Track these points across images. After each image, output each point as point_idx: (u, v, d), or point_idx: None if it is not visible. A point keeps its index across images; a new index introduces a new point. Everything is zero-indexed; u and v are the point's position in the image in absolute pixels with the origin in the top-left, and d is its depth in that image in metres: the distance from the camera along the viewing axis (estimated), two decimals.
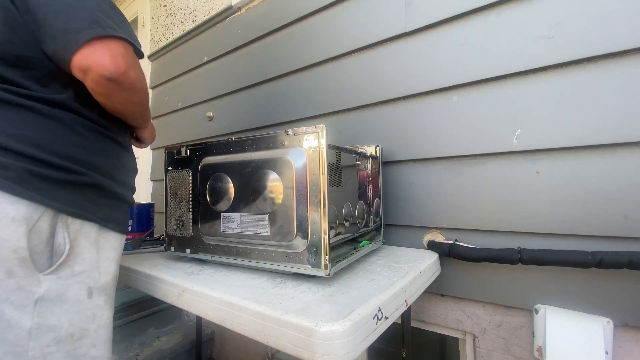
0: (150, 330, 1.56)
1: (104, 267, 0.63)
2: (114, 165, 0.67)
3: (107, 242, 0.64)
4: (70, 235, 0.58)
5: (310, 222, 0.65)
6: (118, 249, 0.67)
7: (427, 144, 0.96)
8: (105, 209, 0.64)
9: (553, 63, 0.78)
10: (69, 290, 0.57)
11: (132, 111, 0.68)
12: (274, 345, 0.53)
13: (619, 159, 0.72)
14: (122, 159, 0.71)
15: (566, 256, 0.73)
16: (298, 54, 1.27)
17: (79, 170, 0.59)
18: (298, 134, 0.67)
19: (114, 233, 0.65)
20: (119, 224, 0.67)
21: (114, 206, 0.66)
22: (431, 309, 0.99)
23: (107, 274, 0.63)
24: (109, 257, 0.64)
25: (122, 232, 0.68)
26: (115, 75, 0.56)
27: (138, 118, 0.73)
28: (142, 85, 0.64)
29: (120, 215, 0.68)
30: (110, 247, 0.64)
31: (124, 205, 0.70)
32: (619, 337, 0.73)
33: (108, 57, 0.55)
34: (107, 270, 0.64)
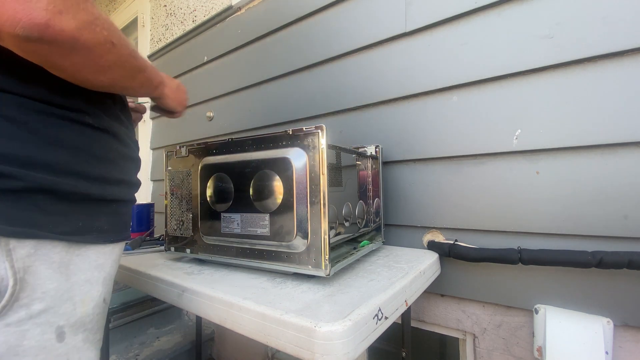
0: (150, 330, 1.56)
1: (82, 295, 0.48)
2: (82, 157, 0.48)
3: (84, 261, 0.48)
4: (16, 264, 0.41)
5: (310, 222, 0.65)
6: (107, 265, 0.52)
7: (427, 144, 0.96)
8: (73, 219, 0.47)
9: (553, 63, 0.78)
10: (27, 339, 0.42)
11: (110, 80, 0.48)
12: (274, 345, 0.53)
13: (619, 159, 0.72)
14: (100, 146, 0.51)
15: (566, 256, 0.73)
16: (298, 54, 1.27)
17: (11, 173, 0.41)
18: (298, 133, 0.67)
19: (95, 247, 0.50)
20: (102, 233, 0.51)
21: (91, 212, 0.49)
22: (431, 309, 0.99)
23: (87, 302, 0.49)
24: (90, 279, 0.49)
25: (110, 241, 0.53)
26: (31, 30, 0.35)
27: (130, 87, 0.54)
28: (103, 37, 0.42)
29: (104, 221, 0.51)
30: (92, 265, 0.49)
31: (111, 206, 0.53)
32: (619, 337, 0.73)
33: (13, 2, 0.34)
34: (88, 297, 0.49)
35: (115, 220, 0.54)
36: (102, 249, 0.51)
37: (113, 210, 0.54)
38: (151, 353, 1.41)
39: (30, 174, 0.42)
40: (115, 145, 0.54)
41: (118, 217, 0.55)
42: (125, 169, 0.57)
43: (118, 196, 0.54)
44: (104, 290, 0.53)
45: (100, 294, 0.52)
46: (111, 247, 0.53)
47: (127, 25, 2.49)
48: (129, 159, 0.58)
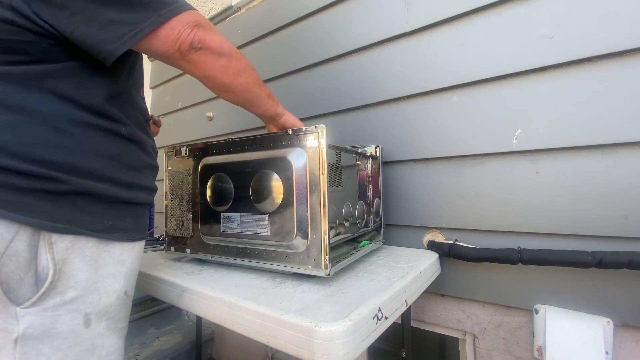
0: (150, 330, 1.56)
1: (106, 286, 0.53)
2: (115, 165, 0.56)
3: (110, 256, 0.54)
4: (56, 256, 0.47)
5: (310, 222, 0.65)
6: (128, 261, 0.58)
7: (427, 144, 0.96)
8: (105, 218, 0.53)
9: (553, 63, 0.78)
10: (60, 323, 0.47)
11: (245, 83, 0.66)
12: (274, 345, 0.53)
13: (619, 159, 0.72)
14: (129, 156, 0.59)
15: (566, 256, 0.73)
16: (298, 54, 1.27)
17: (58, 177, 0.48)
18: (298, 133, 0.67)
19: (120, 244, 0.56)
20: (127, 232, 0.57)
21: (118, 213, 0.56)
22: (431, 309, 0.99)
23: (110, 294, 0.54)
24: (114, 272, 0.55)
25: (133, 239, 0.59)
26: (198, 44, 0.56)
27: (259, 95, 0.72)
28: (234, 49, 0.63)
29: (129, 222, 0.58)
30: (116, 261, 0.55)
31: (135, 209, 0.60)
32: (619, 337, 0.73)
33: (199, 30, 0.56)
34: (111, 289, 0.54)
35: (138, 221, 0.61)
36: (126, 246, 0.57)
37: (137, 212, 0.60)
38: (151, 353, 1.40)
39: (73, 179, 0.50)
40: (141, 154, 0.63)
41: (140, 219, 0.62)
42: (148, 175, 0.65)
43: (141, 200, 0.61)
44: (126, 284, 0.58)
45: (122, 287, 0.57)
46: (133, 245, 0.59)
47: None
48: (149, 167, 0.65)
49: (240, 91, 0.68)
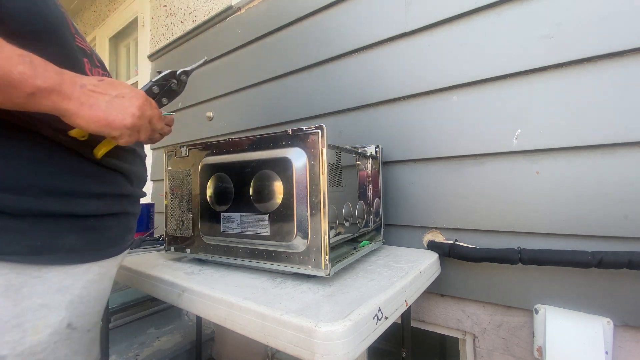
0: (150, 330, 1.56)
1: (34, 321, 0.42)
2: (41, 170, 0.44)
3: (42, 283, 0.43)
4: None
5: (310, 222, 0.65)
6: (76, 287, 0.47)
7: (427, 144, 0.96)
8: (30, 238, 0.42)
9: (553, 63, 0.78)
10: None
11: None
12: (274, 345, 0.53)
13: (619, 159, 0.72)
14: (62, 159, 0.46)
15: (566, 256, 0.73)
16: (298, 54, 1.27)
17: None
18: (298, 133, 0.67)
19: (59, 267, 0.45)
20: (71, 252, 0.46)
21: (53, 229, 0.45)
22: (431, 309, 0.99)
23: (41, 329, 0.43)
24: (48, 303, 0.44)
25: (84, 260, 0.47)
26: None
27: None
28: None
29: (74, 239, 0.46)
30: (52, 288, 0.44)
31: (86, 222, 0.48)
32: (619, 337, 0.73)
33: None
34: (41, 324, 0.43)
35: (95, 237, 0.49)
36: (71, 269, 0.46)
37: (91, 225, 0.49)
38: (151, 353, 1.41)
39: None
40: (62, 154, 0.48)
41: (100, 233, 0.50)
42: (106, 181, 0.52)
43: (93, 210, 0.49)
44: (70, 315, 0.46)
45: (62, 320, 0.45)
46: (86, 267, 0.48)
47: (127, 26, 2.49)
48: (108, 168, 0.53)
49: None
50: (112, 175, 0.54)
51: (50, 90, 0.39)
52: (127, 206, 0.57)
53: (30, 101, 0.38)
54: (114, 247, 0.53)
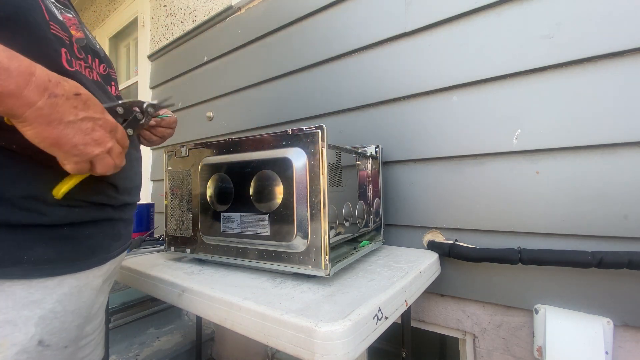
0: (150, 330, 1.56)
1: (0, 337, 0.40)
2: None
3: (7, 297, 0.40)
4: None
5: (310, 222, 0.65)
6: (47, 301, 0.43)
7: (427, 144, 0.96)
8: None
9: (553, 63, 0.78)
10: None
11: None
12: (274, 345, 0.53)
13: (619, 159, 0.72)
14: (2, 164, 0.41)
15: (566, 256, 0.73)
16: (298, 54, 1.27)
17: None
18: (298, 133, 0.67)
19: (26, 281, 0.41)
20: (40, 265, 0.42)
21: (17, 240, 0.41)
22: (431, 309, 0.99)
23: (6, 347, 0.40)
24: (14, 319, 0.41)
25: (54, 273, 0.44)
26: None
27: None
28: None
29: (44, 250, 0.43)
30: (19, 303, 0.41)
31: (59, 231, 0.45)
32: (619, 337, 0.73)
33: None
34: (7, 342, 0.40)
35: (69, 247, 0.46)
36: (41, 282, 0.43)
37: (64, 235, 0.45)
38: (151, 353, 1.41)
39: None
40: (11, 160, 0.43)
41: (75, 243, 0.47)
42: (79, 188, 0.47)
43: (67, 219, 0.46)
44: (41, 332, 0.43)
45: (32, 337, 0.42)
46: (58, 280, 0.44)
47: (127, 25, 2.49)
48: (23, 177, 0.46)
49: None
50: (86, 182, 0.48)
51: (9, 95, 0.34)
52: (110, 213, 0.53)
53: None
54: (95, 257, 0.50)
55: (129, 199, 0.59)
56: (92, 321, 0.54)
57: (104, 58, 0.59)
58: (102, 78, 0.56)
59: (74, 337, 0.48)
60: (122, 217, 0.57)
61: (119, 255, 0.58)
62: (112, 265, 0.56)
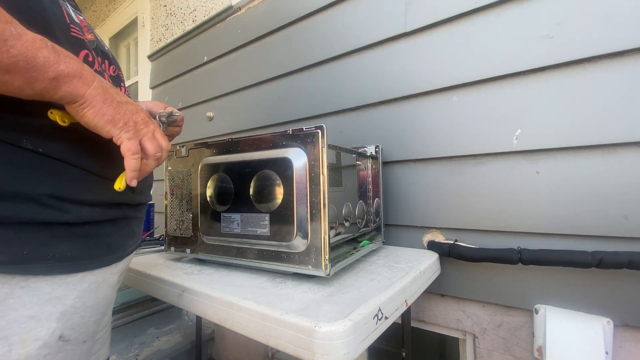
0: (150, 330, 1.56)
1: (21, 333, 0.41)
2: (8, 175, 0.41)
3: (31, 294, 0.41)
4: None
5: (310, 222, 0.65)
6: (69, 297, 0.45)
7: (427, 144, 0.96)
8: (14, 246, 0.41)
9: (553, 63, 0.78)
10: None
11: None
12: (274, 345, 0.53)
13: (619, 159, 0.72)
14: (30, 164, 0.42)
15: (566, 256, 0.73)
16: (298, 54, 1.27)
17: None
18: (298, 133, 0.67)
19: (49, 277, 0.43)
20: (63, 262, 0.44)
21: (40, 237, 0.42)
22: (431, 309, 0.99)
23: (30, 342, 0.41)
24: (37, 314, 0.42)
25: (77, 270, 0.45)
26: None
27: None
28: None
29: (67, 247, 0.44)
30: (42, 299, 0.42)
31: (79, 229, 0.46)
32: (619, 337, 0.73)
33: None
34: (30, 336, 0.41)
35: (90, 245, 0.47)
36: (63, 279, 0.44)
37: (85, 233, 0.47)
38: (151, 353, 1.40)
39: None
40: (81, 157, 0.47)
41: (95, 241, 0.48)
42: (99, 188, 0.49)
43: (92, 218, 0.47)
44: (62, 327, 0.44)
45: (53, 332, 0.43)
46: (80, 276, 0.46)
47: (127, 25, 2.49)
48: (98, 179, 0.49)
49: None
50: (106, 182, 0.50)
51: (73, 76, 0.38)
52: (127, 212, 0.54)
53: (51, 86, 0.37)
54: (112, 254, 0.51)
55: (143, 198, 0.61)
56: (104, 317, 0.55)
57: (113, 60, 0.60)
58: (112, 79, 0.57)
59: (92, 332, 0.50)
60: (137, 215, 0.58)
61: (132, 252, 0.59)
62: (126, 262, 0.57)
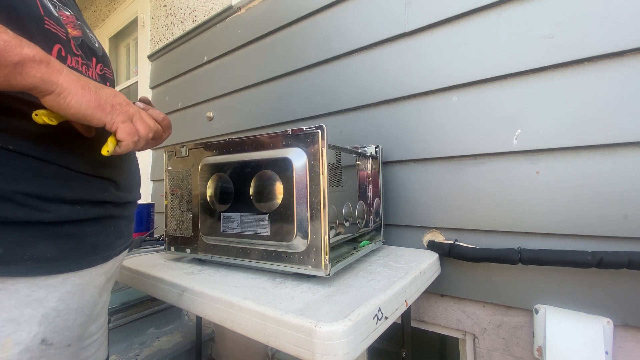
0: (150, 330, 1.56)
1: (2, 336, 0.39)
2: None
3: (9, 296, 0.40)
4: None
5: (310, 222, 0.65)
6: (50, 299, 0.43)
7: (427, 143, 0.96)
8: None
9: (553, 63, 0.78)
10: None
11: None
12: (274, 345, 0.53)
13: (619, 159, 0.72)
14: (2, 161, 0.40)
15: (566, 256, 0.73)
16: (298, 54, 1.27)
17: None
18: (298, 133, 0.67)
19: (28, 279, 0.41)
20: (43, 262, 0.42)
21: (18, 237, 0.41)
22: (431, 309, 0.99)
23: (9, 346, 0.40)
24: (17, 318, 0.40)
25: (58, 271, 0.43)
26: None
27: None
28: None
29: (46, 247, 0.42)
30: (21, 302, 0.40)
31: (60, 228, 0.44)
32: (619, 337, 0.73)
33: None
34: (10, 341, 0.40)
35: (71, 245, 0.45)
36: (43, 280, 0.42)
37: (66, 232, 0.45)
38: (151, 353, 1.41)
39: None
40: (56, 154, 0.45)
41: (77, 240, 0.46)
42: (80, 185, 0.47)
43: (70, 216, 0.45)
44: (44, 330, 0.42)
45: (35, 336, 0.41)
46: (62, 278, 0.44)
47: (127, 25, 2.49)
48: (78, 175, 0.48)
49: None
50: (88, 179, 0.49)
51: (40, 61, 0.35)
52: (112, 210, 0.52)
53: (16, 71, 0.34)
54: (98, 255, 0.49)
55: (130, 196, 0.59)
56: (97, 320, 0.54)
57: (102, 57, 0.59)
58: (99, 77, 0.57)
59: (77, 335, 0.48)
60: (124, 214, 0.57)
61: (120, 253, 0.58)
62: (114, 263, 0.56)
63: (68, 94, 0.38)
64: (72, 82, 0.38)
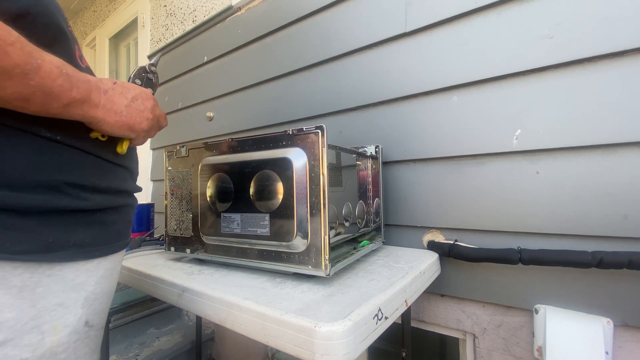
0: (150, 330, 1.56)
1: (52, 322, 0.41)
2: (48, 165, 0.42)
3: (57, 281, 0.42)
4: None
5: (310, 222, 0.65)
6: (89, 283, 0.46)
7: (427, 144, 0.96)
8: (40, 234, 0.41)
9: (553, 63, 0.78)
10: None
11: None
12: (274, 345, 0.53)
13: (619, 159, 0.72)
14: (46, 152, 0.43)
15: (566, 256, 0.73)
16: (298, 54, 1.27)
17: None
18: (298, 133, 0.67)
19: (72, 264, 0.44)
20: (83, 248, 0.45)
21: (64, 225, 0.43)
22: (431, 309, 0.99)
23: (60, 330, 0.42)
24: (64, 302, 0.43)
25: (94, 255, 0.47)
26: None
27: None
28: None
29: (84, 234, 0.46)
30: (67, 286, 0.43)
31: (93, 216, 0.48)
32: (619, 337, 0.73)
33: None
34: (60, 324, 0.42)
35: (102, 232, 0.49)
36: (83, 265, 0.45)
37: (97, 220, 0.48)
38: (151, 353, 1.41)
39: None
40: (96, 149, 0.49)
41: (106, 228, 0.49)
42: (110, 175, 0.51)
43: (101, 204, 0.48)
44: (87, 313, 0.46)
45: (80, 318, 0.45)
46: (96, 262, 0.47)
47: (127, 25, 2.49)
48: (110, 165, 0.52)
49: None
50: (115, 169, 0.53)
51: (83, 101, 0.42)
52: (127, 199, 0.56)
53: (64, 111, 0.41)
54: (120, 241, 0.53)
55: (137, 187, 0.62)
56: None
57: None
58: None
59: (105, 320, 0.52)
60: (134, 203, 0.60)
61: (129, 242, 0.62)
62: (124, 252, 0.59)
63: (104, 124, 0.46)
64: (106, 113, 0.45)
